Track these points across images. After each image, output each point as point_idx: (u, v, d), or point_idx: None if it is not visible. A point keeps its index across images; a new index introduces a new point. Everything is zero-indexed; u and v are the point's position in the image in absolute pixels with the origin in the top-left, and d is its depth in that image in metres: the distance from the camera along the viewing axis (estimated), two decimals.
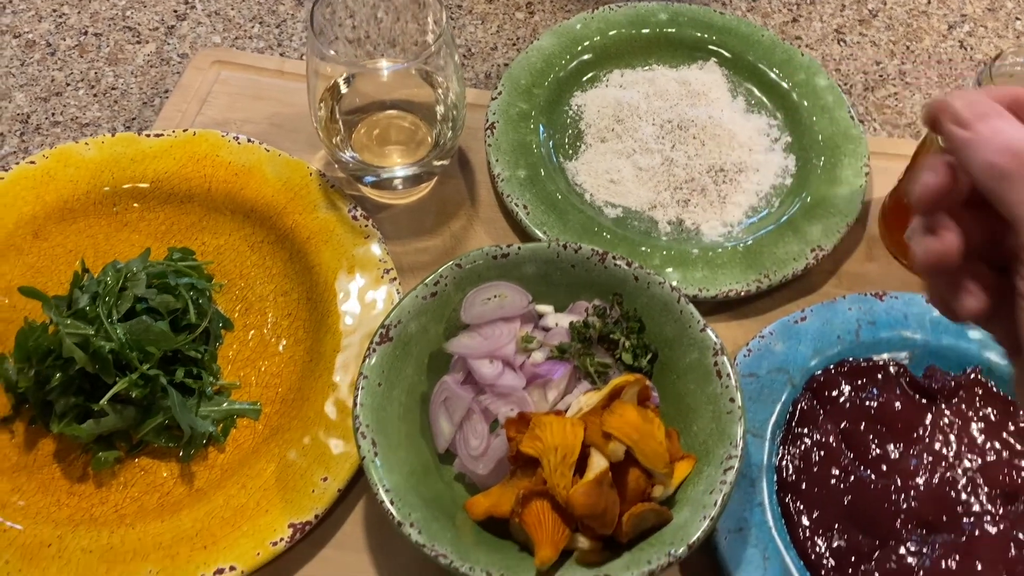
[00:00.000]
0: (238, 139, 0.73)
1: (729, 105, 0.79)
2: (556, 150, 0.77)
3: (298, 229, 0.69)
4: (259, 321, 0.67)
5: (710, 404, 0.58)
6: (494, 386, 0.59)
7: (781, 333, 0.65)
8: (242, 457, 0.61)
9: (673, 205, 0.73)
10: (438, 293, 0.62)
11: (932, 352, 0.66)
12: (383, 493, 0.53)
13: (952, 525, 0.58)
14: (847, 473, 0.60)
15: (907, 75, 0.89)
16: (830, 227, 0.70)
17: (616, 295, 0.63)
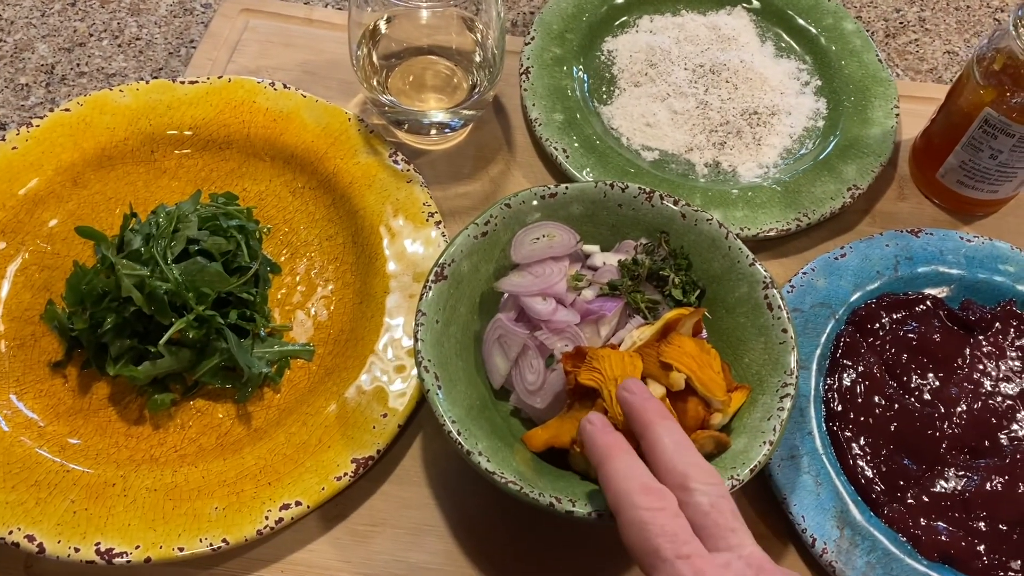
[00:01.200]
0: (274, 85, 0.73)
1: (759, 50, 0.80)
2: (591, 94, 0.77)
3: (340, 174, 0.69)
4: (306, 265, 0.67)
5: (761, 336, 0.59)
6: (549, 322, 0.60)
7: (823, 269, 0.67)
8: (299, 397, 0.61)
9: (709, 148, 0.74)
10: (488, 233, 0.62)
11: (968, 286, 0.67)
12: (450, 424, 0.54)
13: (994, 449, 0.60)
14: (892, 402, 0.61)
15: (927, 21, 0.90)
16: (864, 166, 0.72)
17: (663, 233, 0.64)
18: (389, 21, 0.70)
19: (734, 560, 0.36)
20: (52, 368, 0.61)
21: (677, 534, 0.36)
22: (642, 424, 0.43)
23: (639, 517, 0.37)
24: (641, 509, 0.38)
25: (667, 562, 0.36)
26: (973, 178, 0.69)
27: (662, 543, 0.36)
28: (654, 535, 0.37)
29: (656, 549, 0.36)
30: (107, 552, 0.53)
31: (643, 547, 0.37)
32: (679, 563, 0.35)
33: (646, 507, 0.38)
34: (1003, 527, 0.57)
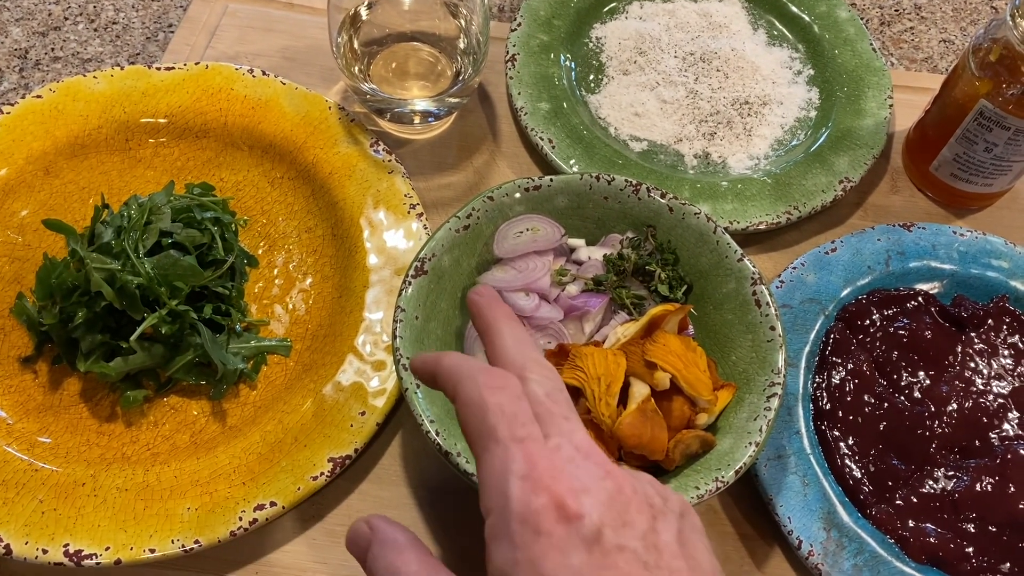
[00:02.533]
0: (252, 72, 0.71)
1: (750, 38, 0.78)
2: (578, 83, 0.75)
3: (319, 164, 0.68)
4: (284, 258, 0.65)
5: (749, 333, 0.58)
6: (531, 319, 0.58)
7: (813, 264, 0.65)
8: (275, 394, 0.60)
9: (699, 138, 0.72)
10: (470, 226, 0.60)
11: (960, 282, 0.66)
12: (428, 424, 0.52)
13: (984, 449, 0.59)
14: (881, 400, 0.60)
15: (922, 9, 0.88)
16: (856, 159, 0.70)
17: (650, 227, 0.62)
18: (370, 7, 0.68)
19: (564, 444, 0.34)
20: (22, 363, 0.60)
21: (516, 415, 0.34)
22: (485, 322, 0.41)
23: (479, 397, 0.34)
24: (483, 387, 0.35)
25: (500, 444, 0.33)
26: (967, 171, 0.68)
27: (499, 423, 0.34)
28: (493, 415, 0.34)
29: (492, 429, 0.34)
30: (76, 554, 0.52)
31: (478, 428, 0.34)
32: (512, 446, 0.33)
33: (488, 385, 0.35)
34: (992, 529, 0.56)
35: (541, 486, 0.32)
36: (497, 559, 0.32)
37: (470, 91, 0.71)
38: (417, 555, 0.35)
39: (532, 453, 0.33)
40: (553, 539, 0.31)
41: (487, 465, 0.33)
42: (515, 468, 0.32)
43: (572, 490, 0.32)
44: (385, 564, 0.35)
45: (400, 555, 0.35)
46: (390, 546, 0.36)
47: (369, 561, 0.36)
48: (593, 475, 0.33)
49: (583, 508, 0.32)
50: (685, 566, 0.33)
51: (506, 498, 0.32)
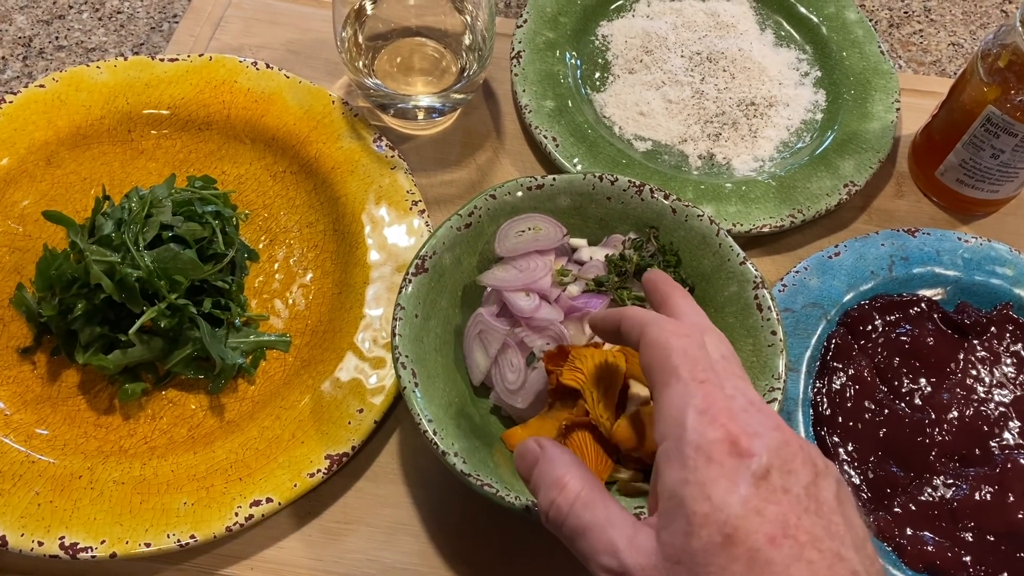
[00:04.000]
0: (256, 65, 0.71)
1: (758, 38, 0.78)
2: (584, 81, 0.75)
3: (322, 159, 0.67)
4: (285, 253, 0.65)
5: (750, 337, 0.58)
6: (531, 319, 0.58)
7: (816, 268, 0.65)
8: (273, 389, 0.60)
9: (704, 139, 0.72)
10: (472, 224, 0.60)
11: (964, 289, 0.65)
12: (426, 423, 0.52)
13: (985, 458, 0.59)
14: (881, 407, 0.60)
15: (932, 11, 0.87)
16: (862, 162, 0.70)
17: (652, 228, 0.62)
18: (375, 1, 0.67)
19: (739, 395, 0.36)
20: (21, 354, 0.60)
21: (698, 360, 0.36)
22: (662, 294, 0.44)
23: (665, 339, 0.37)
24: (669, 333, 0.38)
25: (682, 381, 0.36)
26: (973, 177, 0.67)
27: (682, 364, 0.36)
28: (677, 356, 0.37)
29: (676, 367, 0.36)
30: (71, 547, 0.52)
31: (662, 365, 0.37)
32: (692, 384, 0.35)
33: (674, 332, 0.38)
34: (991, 538, 0.56)
35: (718, 422, 0.34)
36: (668, 478, 0.34)
37: (475, 87, 0.71)
38: (582, 472, 0.39)
39: (711, 393, 0.35)
40: (724, 468, 0.33)
41: (666, 398, 0.36)
42: (694, 403, 0.35)
43: (745, 431, 0.34)
44: (553, 478, 0.38)
45: (568, 470, 0.38)
46: (558, 462, 0.39)
47: (536, 476, 0.39)
48: (765, 424, 0.35)
49: (754, 447, 0.34)
50: (842, 522, 0.34)
51: (682, 427, 0.34)
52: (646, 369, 0.38)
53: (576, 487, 0.38)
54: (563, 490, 0.38)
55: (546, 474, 0.39)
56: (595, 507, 0.37)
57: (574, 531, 0.37)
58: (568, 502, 0.37)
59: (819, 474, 0.35)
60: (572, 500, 0.37)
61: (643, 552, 0.34)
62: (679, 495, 0.34)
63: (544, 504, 0.38)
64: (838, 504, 0.35)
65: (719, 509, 0.33)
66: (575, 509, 0.37)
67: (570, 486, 0.38)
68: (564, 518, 0.37)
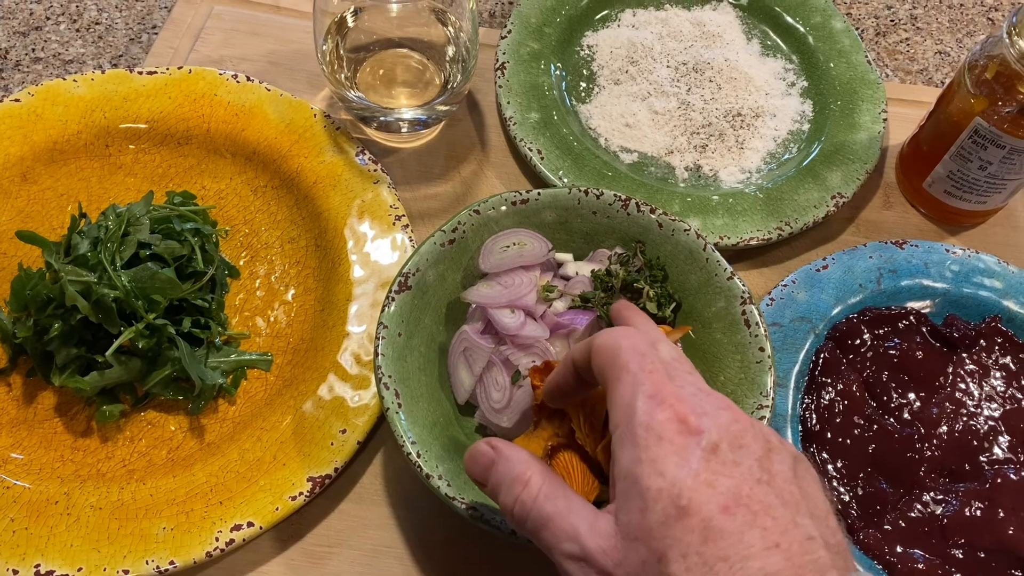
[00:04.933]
0: (236, 77, 0.70)
1: (744, 48, 0.77)
2: (569, 92, 0.74)
3: (304, 173, 0.66)
4: (266, 269, 0.64)
5: (738, 353, 0.57)
6: (516, 337, 0.57)
7: (804, 281, 0.64)
8: (255, 410, 0.59)
9: (690, 150, 0.71)
10: (456, 240, 0.59)
11: (952, 301, 0.65)
12: (409, 445, 0.51)
13: (974, 473, 0.59)
14: (870, 422, 0.59)
15: (919, 20, 0.87)
16: (849, 174, 0.69)
17: (639, 243, 0.61)
18: (356, 14, 0.66)
19: (688, 385, 0.37)
20: None
21: (646, 355, 0.38)
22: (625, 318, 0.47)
23: (614, 341, 0.38)
24: (618, 335, 0.39)
25: (631, 373, 0.37)
26: (961, 188, 0.67)
27: (631, 359, 0.37)
28: (625, 353, 0.38)
29: (625, 363, 0.37)
30: (47, 574, 0.51)
31: (611, 363, 0.38)
32: (641, 374, 0.37)
33: (622, 334, 0.39)
34: (981, 555, 0.56)
35: (666, 403, 0.36)
36: (622, 459, 0.35)
37: (459, 99, 0.70)
38: (540, 466, 0.39)
39: (659, 380, 0.37)
40: (675, 445, 0.35)
41: (617, 391, 0.37)
42: (643, 389, 0.36)
43: (693, 410, 0.35)
44: (514, 475, 0.39)
45: (527, 466, 0.39)
46: (515, 460, 0.39)
47: (495, 476, 0.40)
48: (714, 405, 0.36)
49: (703, 424, 0.35)
50: (798, 491, 0.35)
51: (632, 410, 0.36)
52: (599, 373, 0.39)
53: (538, 481, 0.38)
54: (526, 486, 0.38)
55: (505, 473, 0.39)
56: (556, 498, 0.38)
57: (537, 523, 0.38)
58: (532, 497, 0.38)
59: (772, 449, 0.36)
60: (535, 494, 0.38)
61: (603, 535, 0.36)
62: (633, 473, 0.35)
63: (508, 501, 0.39)
64: (794, 476, 0.36)
65: (672, 484, 0.34)
66: (538, 502, 0.38)
67: (533, 481, 0.38)
68: (528, 512, 0.38)
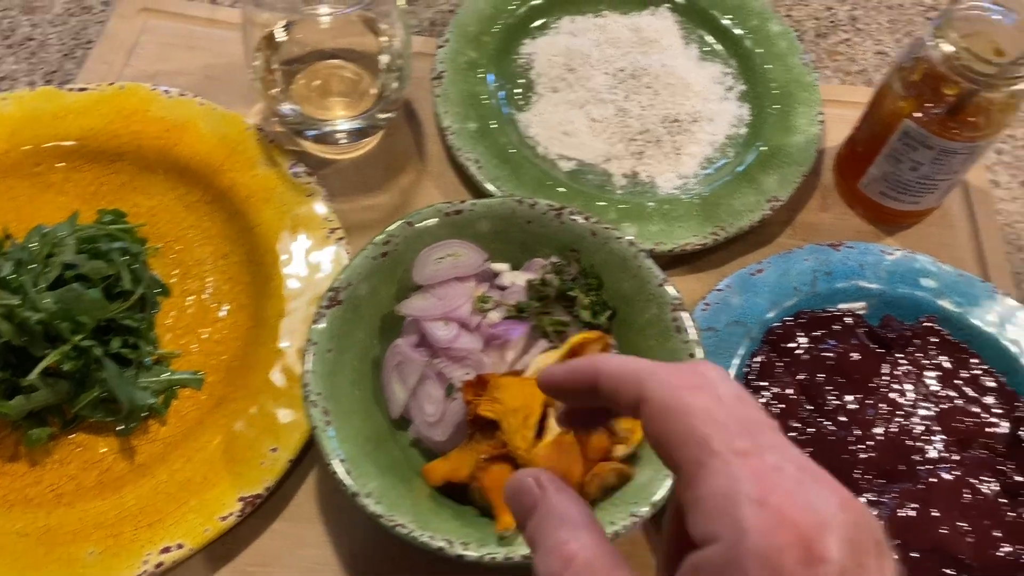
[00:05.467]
0: (169, 92, 0.69)
1: (682, 53, 0.77)
2: (507, 101, 0.74)
3: (236, 188, 0.66)
4: (198, 286, 0.63)
5: (670, 360, 0.57)
6: (449, 349, 0.57)
7: (738, 286, 0.64)
8: (186, 429, 0.58)
9: (628, 157, 0.71)
10: (388, 253, 0.59)
11: (888, 302, 0.65)
12: (337, 464, 0.51)
13: (909, 473, 0.59)
14: (806, 425, 0.59)
15: (858, 20, 0.88)
16: (785, 177, 0.69)
17: (574, 251, 0.61)
18: (287, 27, 0.66)
19: (784, 463, 0.29)
20: None
21: (727, 424, 0.29)
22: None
23: (680, 402, 0.29)
24: (680, 389, 0.30)
25: (719, 457, 0.28)
26: (895, 189, 0.68)
27: (713, 433, 0.28)
28: (701, 422, 0.29)
29: (705, 439, 0.28)
30: None
31: (685, 438, 0.29)
32: (735, 461, 0.28)
33: (684, 386, 0.30)
34: (915, 555, 0.56)
35: (784, 520, 0.27)
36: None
37: (395, 107, 0.70)
38: (591, 536, 0.30)
39: (759, 472, 0.28)
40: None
41: (706, 483, 0.28)
42: (746, 490, 0.27)
43: (816, 526, 0.27)
44: (555, 542, 0.30)
45: (574, 535, 0.30)
46: (560, 520, 0.31)
47: (532, 528, 0.32)
48: (830, 505, 0.28)
49: (828, 550, 0.27)
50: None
51: (741, 529, 0.27)
52: (658, 440, 0.30)
53: (588, 567, 0.30)
54: (569, 565, 0.30)
55: (546, 534, 0.31)
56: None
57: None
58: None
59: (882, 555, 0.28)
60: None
61: None
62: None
63: (542, 571, 0.31)
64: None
65: None
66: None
67: (579, 560, 0.30)
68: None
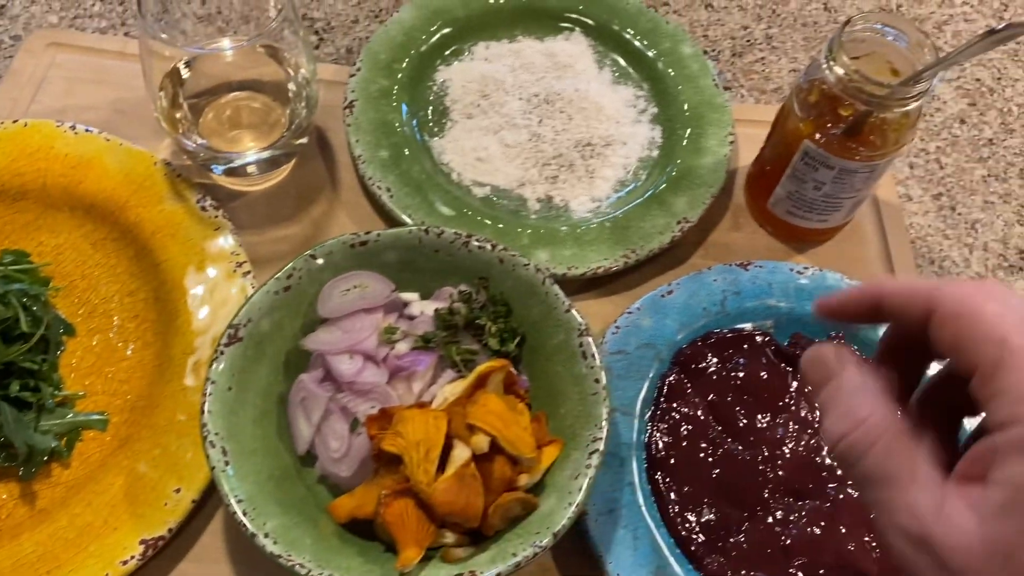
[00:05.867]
0: (75, 129, 0.68)
1: (596, 77, 0.78)
2: (420, 128, 0.74)
3: (142, 224, 0.65)
4: (104, 325, 0.62)
5: (576, 386, 0.57)
6: (353, 383, 0.57)
7: (648, 308, 0.65)
8: (89, 472, 0.57)
9: (542, 182, 0.72)
10: (292, 287, 0.59)
11: (797, 319, 0.66)
12: (235, 504, 0.50)
13: (818, 491, 0.59)
14: (715, 446, 0.60)
15: (773, 39, 0.89)
16: (695, 198, 0.70)
17: (482, 279, 0.61)
18: (189, 64, 0.66)
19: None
20: None
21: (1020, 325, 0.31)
22: None
23: (974, 306, 0.32)
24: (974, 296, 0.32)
25: (1018, 353, 0.31)
26: (801, 208, 0.68)
27: (1009, 333, 0.31)
28: (996, 324, 0.31)
29: (1004, 337, 0.31)
30: None
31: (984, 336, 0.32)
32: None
33: (979, 292, 0.33)
34: (821, 571, 0.56)
35: None
36: (1016, 469, 0.30)
37: (304, 134, 0.69)
38: (885, 408, 0.33)
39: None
40: None
41: (1009, 376, 0.31)
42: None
43: None
44: (847, 407, 0.34)
45: (868, 405, 0.33)
46: (856, 392, 0.34)
47: (826, 396, 0.35)
48: None
49: None
50: None
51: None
52: (953, 345, 0.33)
53: (879, 425, 0.33)
54: (862, 426, 0.33)
55: (841, 399, 0.34)
56: (899, 455, 0.33)
57: (867, 476, 0.33)
58: (866, 443, 0.33)
59: None
60: (873, 440, 0.33)
61: (957, 529, 0.31)
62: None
63: (834, 433, 0.34)
64: None
65: None
66: (874, 453, 0.33)
67: (871, 422, 0.33)
68: (856, 459, 0.33)
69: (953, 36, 0.91)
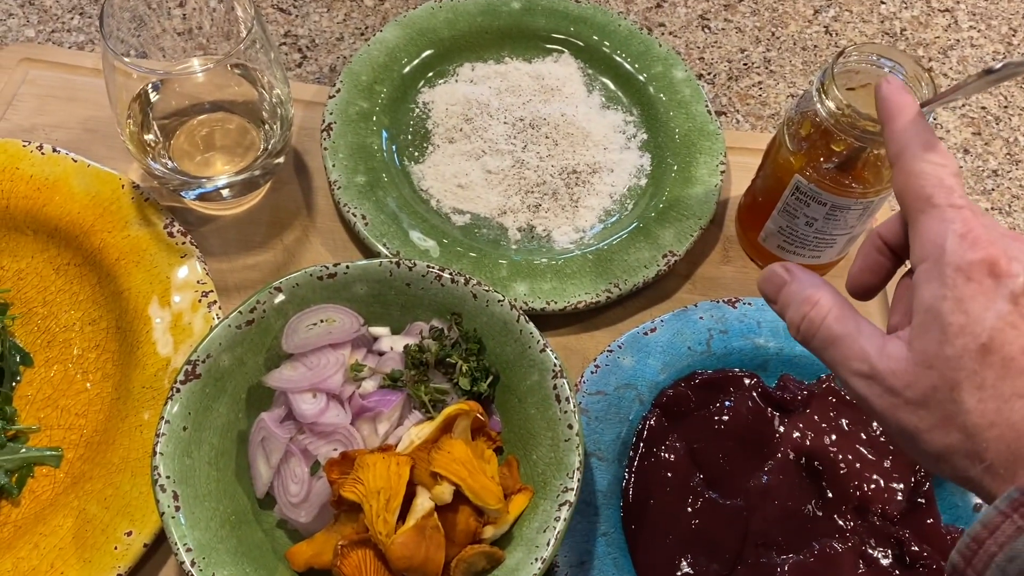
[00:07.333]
0: (42, 149, 0.66)
1: (585, 100, 0.75)
2: (400, 153, 0.72)
3: (107, 249, 0.63)
4: (64, 355, 0.60)
5: (549, 430, 0.55)
6: (315, 424, 0.54)
7: (630, 346, 0.62)
8: (39, 511, 0.55)
9: (523, 210, 0.69)
10: (255, 321, 0.56)
11: (785, 361, 0.63)
12: (183, 553, 0.48)
13: (801, 544, 0.56)
14: (696, 496, 0.57)
15: (772, 63, 0.86)
16: (683, 230, 0.67)
17: (454, 315, 0.59)
18: (157, 88, 0.63)
19: (994, 224, 0.38)
20: None
21: (953, 189, 0.38)
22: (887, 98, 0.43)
23: (919, 167, 0.39)
24: (924, 161, 0.39)
25: (938, 208, 0.38)
26: (793, 244, 0.66)
27: (936, 192, 0.38)
28: (930, 184, 0.38)
29: (930, 196, 0.38)
30: None
31: (915, 192, 0.39)
32: (949, 210, 0.37)
33: (929, 159, 0.39)
34: None
35: (978, 244, 0.36)
36: (926, 294, 0.37)
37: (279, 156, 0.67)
38: (832, 291, 0.41)
39: (968, 218, 0.37)
40: (982, 287, 0.36)
41: (923, 224, 0.38)
42: (954, 227, 0.37)
43: (1004, 254, 0.36)
44: (804, 295, 0.41)
45: (818, 289, 0.41)
46: (807, 283, 0.42)
47: (784, 296, 0.42)
48: (1021, 252, 0.37)
49: (1013, 269, 0.36)
50: None
51: (942, 249, 0.37)
52: (901, 196, 0.40)
53: (828, 302, 0.40)
54: (815, 305, 0.40)
55: (796, 293, 0.41)
56: (846, 320, 0.39)
57: (825, 341, 0.40)
58: (820, 316, 0.40)
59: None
60: (824, 314, 0.40)
61: (893, 358, 0.37)
62: (935, 308, 0.36)
63: (796, 318, 0.41)
64: None
65: (975, 322, 0.35)
66: (827, 322, 0.40)
67: (822, 302, 0.40)
68: (816, 330, 0.40)
69: (959, 62, 0.88)
